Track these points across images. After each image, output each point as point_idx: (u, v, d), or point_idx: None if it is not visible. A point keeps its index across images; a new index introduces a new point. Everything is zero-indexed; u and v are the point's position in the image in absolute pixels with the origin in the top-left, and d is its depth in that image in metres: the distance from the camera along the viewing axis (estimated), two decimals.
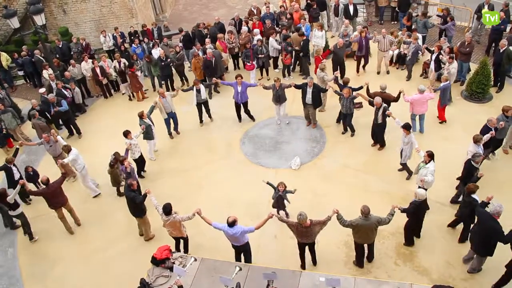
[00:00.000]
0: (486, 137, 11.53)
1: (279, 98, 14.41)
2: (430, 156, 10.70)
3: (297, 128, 15.04)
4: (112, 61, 17.69)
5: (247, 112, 15.34)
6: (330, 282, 8.00)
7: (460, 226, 10.81)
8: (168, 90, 17.27)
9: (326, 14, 20.68)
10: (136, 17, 22.66)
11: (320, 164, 13.52)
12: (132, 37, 19.31)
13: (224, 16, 23.63)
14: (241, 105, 15.08)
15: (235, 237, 9.45)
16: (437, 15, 18.86)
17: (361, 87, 13.86)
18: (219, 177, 13.36)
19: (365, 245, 10.15)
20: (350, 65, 17.51)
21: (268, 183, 11.17)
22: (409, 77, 16.76)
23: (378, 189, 12.38)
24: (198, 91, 14.74)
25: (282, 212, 11.09)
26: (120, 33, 19.66)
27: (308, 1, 20.21)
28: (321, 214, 9.62)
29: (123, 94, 17.95)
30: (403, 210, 9.96)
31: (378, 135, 13.49)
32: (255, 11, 19.84)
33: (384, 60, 17.18)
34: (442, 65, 15.26)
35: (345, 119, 14.14)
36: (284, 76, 17.49)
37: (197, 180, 13.38)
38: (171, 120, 15.00)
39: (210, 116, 15.75)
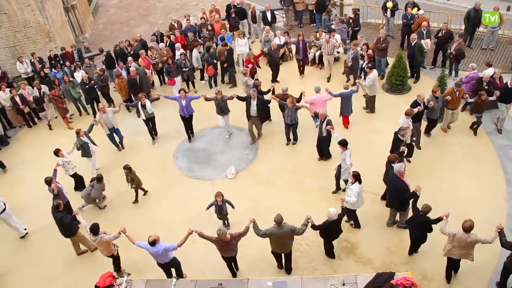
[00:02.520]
0: (415, 110, 12.33)
1: (222, 109, 14.38)
2: (355, 177, 10.49)
3: (230, 138, 15.13)
4: (33, 88, 16.99)
5: (191, 127, 15.12)
6: (277, 286, 8.14)
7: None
8: (94, 113, 16.84)
9: (247, 22, 20.96)
10: (55, 41, 21.97)
11: (255, 170, 13.69)
12: (52, 62, 18.71)
13: (146, 33, 23.44)
14: (189, 118, 14.79)
15: (158, 255, 9.45)
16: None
17: (269, 90, 14.23)
18: (156, 194, 13.19)
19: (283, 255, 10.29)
20: (286, 68, 18.02)
21: (208, 207, 11.21)
22: (348, 79, 17.14)
23: (315, 188, 12.70)
24: (144, 106, 14.44)
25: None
26: (38, 58, 18.90)
27: (228, 11, 20.42)
28: (262, 220, 9.75)
29: (49, 121, 17.25)
30: (313, 227, 9.83)
31: (323, 148, 13.46)
32: (176, 25, 19.80)
33: (330, 62, 17.48)
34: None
35: (289, 129, 14.16)
36: (210, 87, 17.56)
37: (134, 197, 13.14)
38: (115, 135, 14.80)
39: (155, 134, 15.42)
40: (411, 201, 9.99)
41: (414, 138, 12.96)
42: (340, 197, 10.84)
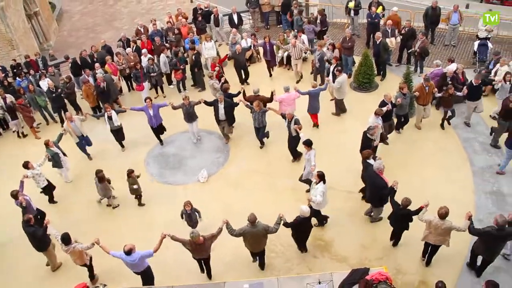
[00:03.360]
0: (384, 109, 12.49)
1: (190, 115, 14.27)
2: (320, 176, 10.54)
3: (200, 142, 15.07)
4: None
5: (162, 134, 14.97)
6: (254, 287, 8.15)
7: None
8: (62, 121, 16.52)
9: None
10: (18, 48, 21.51)
11: (227, 173, 13.69)
12: (15, 70, 18.25)
13: (113, 38, 23.15)
14: (158, 128, 14.61)
15: (135, 264, 9.35)
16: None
17: (239, 92, 14.25)
18: (129, 202, 12.99)
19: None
20: (255, 69, 18.08)
21: (181, 216, 11.18)
22: (315, 79, 17.11)
23: (287, 188, 12.76)
24: (110, 118, 14.20)
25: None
26: (1, 67, 18.45)
27: (195, 14, 20.36)
28: (235, 221, 9.77)
29: (13, 132, 16.86)
30: (285, 225, 9.88)
31: (292, 148, 13.47)
32: (142, 30, 19.60)
33: (298, 67, 17.53)
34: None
35: (258, 132, 14.15)
36: (179, 91, 17.45)
37: (109, 209, 12.95)
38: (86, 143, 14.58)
39: (122, 146, 15.13)
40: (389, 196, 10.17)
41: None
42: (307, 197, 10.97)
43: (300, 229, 10.28)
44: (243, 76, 17.57)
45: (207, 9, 20.40)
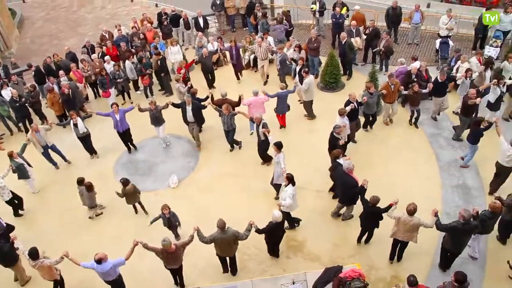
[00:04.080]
0: (348, 109, 12.63)
1: (157, 120, 14.16)
2: (289, 179, 10.54)
3: (169, 147, 14.94)
4: None
5: (131, 140, 14.76)
6: None
7: None
8: (27, 131, 16.07)
9: (180, 30, 20.81)
10: None
11: (198, 177, 13.62)
12: None
13: (77, 45, 22.72)
14: (124, 133, 14.41)
15: (106, 273, 9.20)
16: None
17: (207, 97, 14.25)
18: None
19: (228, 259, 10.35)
20: (222, 73, 18.12)
21: (152, 221, 11.02)
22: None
23: (258, 191, 12.77)
24: (75, 125, 13.92)
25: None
26: None
27: (160, 19, 20.21)
28: (208, 226, 9.73)
29: None
30: (258, 231, 9.83)
31: (262, 151, 13.42)
32: (107, 36, 19.34)
33: (264, 68, 17.58)
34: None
35: (228, 135, 14.11)
36: (147, 96, 17.27)
37: (80, 216, 12.66)
38: (53, 152, 14.24)
39: (93, 152, 14.84)
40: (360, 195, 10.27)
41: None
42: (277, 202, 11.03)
43: (273, 234, 10.27)
44: (210, 80, 17.54)
45: (174, 13, 20.28)
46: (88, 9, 31.05)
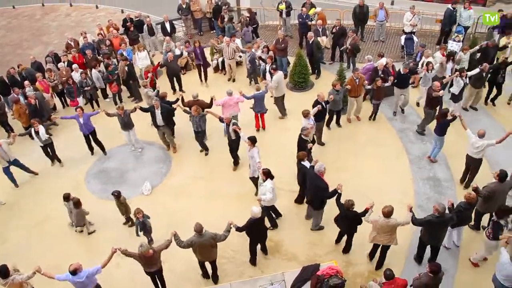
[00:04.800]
0: (313, 111, 12.68)
1: (126, 124, 14.02)
2: (266, 174, 10.65)
3: (141, 153, 14.79)
4: None
5: (98, 143, 14.59)
6: None
7: None
8: None
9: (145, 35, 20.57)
10: None
11: (171, 183, 13.53)
12: None
13: (42, 54, 22.17)
14: (89, 135, 14.31)
15: (83, 283, 9.02)
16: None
17: (177, 100, 14.24)
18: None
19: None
20: (191, 77, 18.09)
21: (136, 230, 10.93)
22: (250, 82, 17.42)
23: (233, 193, 12.77)
24: (37, 133, 13.63)
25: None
26: None
27: (125, 25, 20.00)
28: (184, 231, 9.68)
29: None
30: (238, 229, 9.87)
31: (233, 151, 13.48)
32: (72, 44, 19.01)
33: (231, 67, 17.70)
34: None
35: (197, 136, 14.08)
36: (116, 104, 16.99)
37: (52, 228, 12.40)
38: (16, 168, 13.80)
39: (59, 160, 14.61)
40: (335, 199, 10.13)
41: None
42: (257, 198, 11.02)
43: (255, 231, 10.26)
44: (176, 84, 17.44)
45: (137, 18, 20.09)
46: (52, 17, 30.42)
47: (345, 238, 10.72)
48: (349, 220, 10.03)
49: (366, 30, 20.20)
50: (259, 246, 10.77)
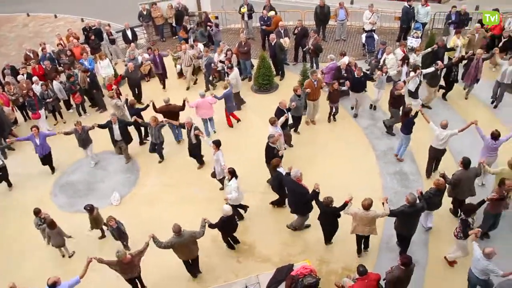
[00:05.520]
0: (281, 120, 12.63)
1: (84, 141, 13.80)
2: (231, 173, 10.92)
3: (107, 164, 14.54)
4: None
5: (50, 163, 14.24)
6: None
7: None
8: None
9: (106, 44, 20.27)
10: None
11: (140, 192, 13.38)
12: None
13: (0, 67, 21.65)
14: (45, 157, 13.92)
15: None
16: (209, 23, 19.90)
17: (147, 106, 14.19)
18: (41, 240, 11.88)
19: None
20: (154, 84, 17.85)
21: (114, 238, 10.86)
22: (207, 88, 17.29)
23: (202, 197, 12.74)
24: None
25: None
26: None
27: (86, 34, 19.67)
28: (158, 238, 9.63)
29: None
30: (211, 226, 10.11)
31: (196, 155, 13.54)
32: (31, 55, 18.56)
33: (188, 74, 17.65)
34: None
35: (154, 147, 13.99)
36: (79, 115, 16.71)
37: (19, 247, 12.05)
38: None
39: (9, 185, 14.01)
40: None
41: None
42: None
43: (226, 227, 10.50)
44: (137, 94, 17.10)
45: (94, 27, 19.78)
46: (8, 28, 29.62)
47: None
48: (329, 216, 10.19)
49: (328, 29, 20.46)
50: None
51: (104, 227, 11.66)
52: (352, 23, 20.76)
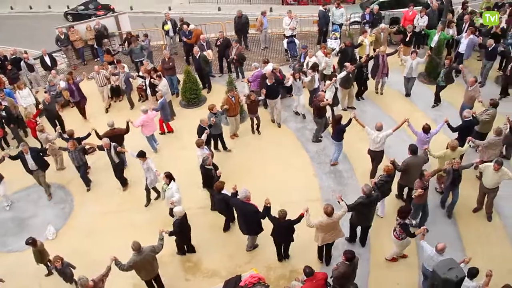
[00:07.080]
0: (203, 137, 12.60)
1: None
2: (168, 176, 11.03)
3: (38, 197, 13.85)
4: None
5: None
6: None
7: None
8: None
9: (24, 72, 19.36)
10: None
11: (77, 223, 12.83)
12: None
13: None
14: None
15: None
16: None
17: (89, 134, 13.65)
18: None
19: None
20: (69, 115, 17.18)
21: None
22: (132, 105, 17.16)
23: (144, 221, 12.42)
24: None
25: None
26: None
27: (3, 64, 18.66)
28: (97, 271, 9.30)
29: None
30: (170, 233, 10.26)
31: (118, 174, 13.31)
32: None
33: (104, 94, 17.25)
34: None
35: (79, 171, 13.53)
36: (2, 149, 15.79)
37: None
38: None
39: None
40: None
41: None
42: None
43: (185, 229, 10.61)
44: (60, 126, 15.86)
45: (13, 56, 18.89)
46: None
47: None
48: (283, 230, 10.12)
49: (250, 38, 20.75)
50: None
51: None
52: (273, 30, 21.19)
